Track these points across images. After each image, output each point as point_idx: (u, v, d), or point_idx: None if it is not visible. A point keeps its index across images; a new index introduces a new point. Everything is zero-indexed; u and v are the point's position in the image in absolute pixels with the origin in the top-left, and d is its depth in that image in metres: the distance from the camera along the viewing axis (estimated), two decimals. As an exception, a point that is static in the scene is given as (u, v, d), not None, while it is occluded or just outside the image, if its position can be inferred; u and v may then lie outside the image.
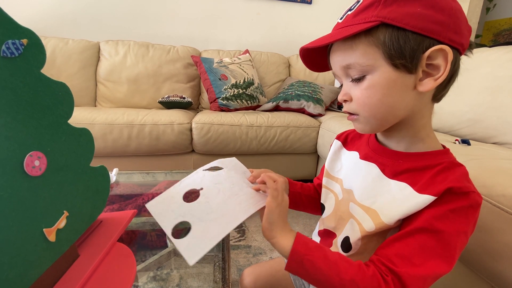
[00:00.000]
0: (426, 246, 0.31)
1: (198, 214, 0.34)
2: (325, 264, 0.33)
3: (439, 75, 0.32)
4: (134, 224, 0.60)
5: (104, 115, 1.27)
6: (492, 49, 1.10)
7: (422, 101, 0.35)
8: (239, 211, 0.36)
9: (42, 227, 0.27)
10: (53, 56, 1.61)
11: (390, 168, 0.39)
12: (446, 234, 0.31)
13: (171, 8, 1.94)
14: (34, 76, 0.26)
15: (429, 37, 0.31)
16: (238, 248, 1.09)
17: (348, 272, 0.32)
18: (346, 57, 0.34)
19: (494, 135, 0.94)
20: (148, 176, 0.85)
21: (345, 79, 0.37)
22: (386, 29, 0.31)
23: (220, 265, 0.42)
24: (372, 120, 0.36)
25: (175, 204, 0.36)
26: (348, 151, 0.48)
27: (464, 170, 0.35)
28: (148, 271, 0.53)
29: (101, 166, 0.37)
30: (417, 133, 0.37)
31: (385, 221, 0.35)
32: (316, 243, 0.35)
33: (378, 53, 0.32)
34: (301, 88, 1.67)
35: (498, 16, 3.09)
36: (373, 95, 0.34)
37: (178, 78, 1.76)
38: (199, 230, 0.33)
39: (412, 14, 0.30)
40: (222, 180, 0.40)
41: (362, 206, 0.40)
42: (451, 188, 0.31)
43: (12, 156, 0.24)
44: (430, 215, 0.32)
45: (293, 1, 2.09)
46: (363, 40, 0.33)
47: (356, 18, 0.33)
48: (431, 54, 0.31)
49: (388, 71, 0.32)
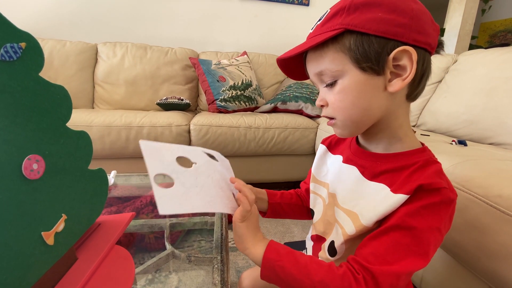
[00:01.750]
0: (399, 243, 0.32)
1: (183, 179, 0.35)
2: (296, 268, 0.33)
3: (406, 75, 0.33)
4: (133, 227, 0.60)
5: (102, 117, 1.27)
6: (488, 51, 1.11)
7: (395, 102, 0.36)
8: (219, 202, 0.37)
9: (40, 230, 0.27)
10: (50, 58, 1.60)
11: (369, 170, 0.39)
12: (419, 231, 0.32)
13: (169, 10, 1.94)
14: (33, 79, 0.26)
15: (392, 39, 0.32)
16: (237, 250, 1.09)
17: (318, 273, 0.32)
18: (318, 64, 0.36)
19: (491, 136, 0.95)
20: (146, 178, 0.85)
21: (320, 85, 0.39)
22: (351, 35, 0.33)
23: (218, 267, 0.42)
24: (348, 123, 0.37)
25: (168, 158, 0.35)
26: (333, 155, 0.49)
27: (438, 167, 0.36)
28: (146, 274, 0.53)
29: (99, 168, 0.37)
30: (395, 134, 0.38)
31: (364, 223, 0.36)
32: (288, 249, 0.36)
33: (345, 59, 0.34)
34: (299, 90, 1.68)
35: (493, 17, 3.12)
36: (345, 98, 0.35)
37: (176, 80, 1.76)
38: (180, 192, 0.33)
39: (374, 19, 0.32)
40: (214, 170, 0.40)
41: (344, 209, 0.40)
42: (422, 185, 0.32)
43: (10, 159, 0.24)
44: (403, 213, 0.33)
45: (291, 3, 2.10)
46: (330, 47, 0.35)
47: (323, 27, 0.35)
48: (396, 56, 0.33)
49: (357, 74, 0.34)
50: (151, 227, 0.61)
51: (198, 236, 0.87)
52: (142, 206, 0.88)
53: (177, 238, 0.84)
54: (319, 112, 1.58)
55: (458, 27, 2.36)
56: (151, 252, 0.70)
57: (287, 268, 0.34)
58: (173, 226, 0.62)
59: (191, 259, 0.49)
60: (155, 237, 0.82)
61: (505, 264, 0.47)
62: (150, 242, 0.82)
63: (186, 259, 0.49)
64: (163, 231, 0.60)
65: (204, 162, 0.40)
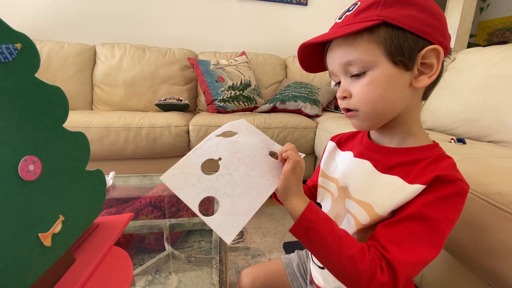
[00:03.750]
0: (416, 232, 0.33)
1: (223, 188, 0.33)
2: (330, 235, 0.34)
3: (432, 72, 0.35)
4: (132, 228, 0.60)
5: (101, 119, 1.27)
6: (486, 49, 1.11)
7: (415, 98, 0.38)
8: (265, 184, 0.36)
9: (38, 231, 0.27)
10: (48, 60, 1.60)
11: (382, 163, 0.40)
12: (435, 221, 0.33)
13: (167, 11, 1.94)
14: (28, 80, 0.26)
15: (423, 38, 0.33)
16: (237, 250, 1.09)
17: (350, 249, 0.33)
18: (348, 54, 0.36)
19: (489, 134, 0.95)
20: (145, 179, 0.85)
21: (343, 76, 0.38)
22: (387, 28, 0.33)
23: (217, 267, 0.42)
24: (372, 115, 0.37)
25: (195, 177, 0.33)
26: (342, 152, 0.50)
27: (452, 161, 0.37)
28: (146, 275, 0.53)
29: (97, 169, 0.37)
30: (409, 129, 0.39)
31: (379, 212, 0.36)
32: (326, 216, 0.36)
33: (378, 50, 0.34)
34: (298, 89, 1.68)
35: (492, 15, 3.12)
36: (374, 90, 0.35)
37: (175, 81, 1.76)
38: (228, 206, 0.32)
39: (409, 16, 0.33)
40: (240, 148, 0.38)
41: (357, 200, 0.41)
42: (439, 176, 0.33)
43: (7, 160, 0.24)
44: (420, 203, 0.34)
45: (289, 3, 2.10)
46: (365, 38, 0.34)
47: (356, 18, 0.35)
48: (425, 54, 0.34)
49: (388, 67, 0.34)
50: (150, 228, 0.61)
51: (198, 236, 0.87)
52: (141, 207, 0.88)
53: (177, 239, 0.84)
54: (318, 112, 1.58)
55: (457, 25, 2.36)
56: (151, 253, 0.69)
57: (322, 232, 0.34)
58: (173, 226, 0.62)
59: (190, 259, 0.49)
60: (155, 238, 0.82)
61: (505, 262, 0.47)
62: (149, 243, 0.82)
63: (186, 259, 0.49)
64: (163, 232, 0.60)
65: (226, 150, 0.38)
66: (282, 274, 0.58)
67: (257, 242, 1.15)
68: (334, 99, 1.78)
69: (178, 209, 0.90)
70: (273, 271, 0.59)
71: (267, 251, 1.09)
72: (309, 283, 0.55)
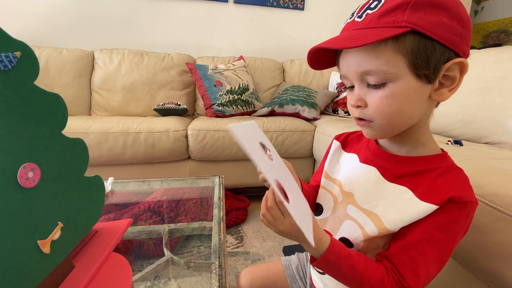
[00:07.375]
0: (429, 256, 0.34)
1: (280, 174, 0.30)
2: (352, 272, 0.35)
3: (454, 86, 0.33)
4: (130, 233, 0.60)
5: (99, 124, 1.27)
6: (482, 51, 1.12)
7: (430, 109, 0.37)
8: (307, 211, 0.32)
9: (36, 239, 0.27)
10: (47, 66, 1.60)
11: (390, 172, 0.39)
12: (445, 243, 0.34)
13: (165, 16, 1.95)
14: (28, 88, 0.26)
15: (450, 48, 0.31)
16: (236, 255, 1.08)
17: (370, 282, 0.34)
18: (368, 62, 0.32)
19: (486, 135, 0.96)
20: (144, 184, 0.85)
21: (359, 84, 0.35)
22: (414, 37, 0.30)
23: (217, 272, 0.42)
24: (387, 127, 0.35)
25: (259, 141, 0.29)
26: (346, 153, 0.49)
27: (463, 175, 0.36)
28: (145, 281, 0.52)
29: (95, 175, 0.37)
30: (420, 138, 0.38)
31: (389, 227, 0.36)
32: (347, 252, 0.36)
33: (403, 62, 0.31)
34: (296, 93, 1.69)
35: (486, 18, 3.16)
36: (393, 104, 0.32)
37: (173, 85, 1.77)
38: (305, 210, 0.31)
39: (439, 24, 0.29)
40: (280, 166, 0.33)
41: (363, 210, 0.40)
42: (453, 197, 0.33)
43: (6, 168, 0.24)
44: (432, 226, 0.34)
45: (286, 7, 2.11)
46: (389, 46, 0.30)
47: (381, 20, 0.30)
48: (450, 66, 0.31)
49: (411, 80, 0.31)
50: (149, 233, 0.61)
51: (197, 241, 0.86)
52: (140, 212, 0.88)
53: (176, 244, 0.84)
54: (316, 115, 1.58)
55: (452, 28, 2.40)
56: (150, 258, 0.69)
57: (343, 271, 0.35)
58: (172, 232, 0.61)
59: (190, 265, 0.49)
60: (154, 244, 0.81)
61: (503, 263, 0.47)
62: (149, 248, 0.82)
63: (185, 265, 0.49)
64: (162, 237, 0.60)
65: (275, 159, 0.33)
66: (281, 275, 0.58)
67: (257, 246, 1.14)
68: (332, 102, 1.79)
69: (177, 214, 0.89)
70: (272, 272, 0.58)
71: (266, 255, 1.09)
72: (309, 286, 0.55)
